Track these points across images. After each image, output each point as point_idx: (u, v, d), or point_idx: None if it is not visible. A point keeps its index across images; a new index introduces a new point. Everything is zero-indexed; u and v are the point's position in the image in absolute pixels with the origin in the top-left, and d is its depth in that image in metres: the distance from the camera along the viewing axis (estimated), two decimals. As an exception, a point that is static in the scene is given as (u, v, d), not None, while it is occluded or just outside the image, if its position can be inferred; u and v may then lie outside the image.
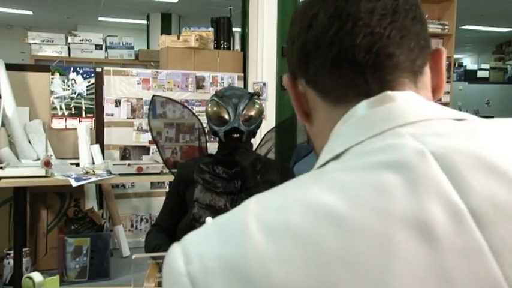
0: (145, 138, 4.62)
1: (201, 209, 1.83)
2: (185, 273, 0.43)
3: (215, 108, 1.87)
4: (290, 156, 2.22)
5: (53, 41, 6.86)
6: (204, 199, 1.85)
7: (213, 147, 2.03)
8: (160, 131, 2.48)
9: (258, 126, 1.93)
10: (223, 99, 1.87)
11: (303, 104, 0.61)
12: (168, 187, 4.42)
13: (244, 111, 1.85)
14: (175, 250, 0.46)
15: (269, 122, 4.46)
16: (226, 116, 1.84)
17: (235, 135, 1.85)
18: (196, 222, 1.80)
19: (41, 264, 3.99)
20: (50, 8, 10.29)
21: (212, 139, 3.50)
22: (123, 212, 4.63)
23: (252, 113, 1.88)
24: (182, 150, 2.43)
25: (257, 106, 1.91)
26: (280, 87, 4.80)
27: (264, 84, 4.73)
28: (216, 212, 1.80)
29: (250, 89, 4.75)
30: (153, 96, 2.38)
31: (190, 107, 4.55)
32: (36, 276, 1.56)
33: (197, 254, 0.44)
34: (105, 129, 4.51)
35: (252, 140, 1.98)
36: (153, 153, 4.55)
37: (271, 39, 4.75)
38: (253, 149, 2.01)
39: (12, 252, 3.56)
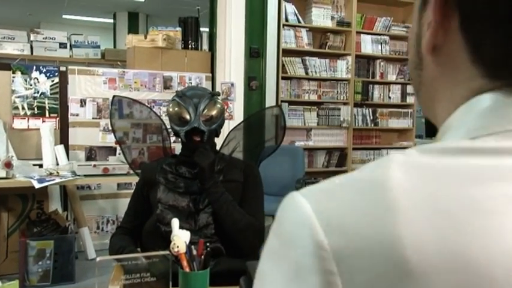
0: (112, 138, 4.57)
1: (165, 209, 1.82)
2: (327, 247, 0.43)
3: (176, 109, 1.87)
4: (259, 155, 2.21)
5: (14, 38, 6.69)
6: (166, 199, 1.84)
7: (179, 148, 2.02)
8: (126, 131, 2.46)
9: (221, 126, 1.93)
10: (183, 99, 1.87)
11: (437, 36, 0.50)
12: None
13: (205, 111, 1.85)
14: (308, 213, 0.45)
15: (237, 122, 4.39)
16: (187, 116, 1.84)
17: (196, 137, 1.85)
18: (160, 223, 1.80)
19: (0, 269, 3.89)
20: (11, 4, 10.03)
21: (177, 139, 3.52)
22: (89, 214, 4.58)
23: (213, 112, 1.88)
24: (149, 150, 2.42)
25: (218, 106, 1.91)
26: (248, 88, 4.80)
27: (232, 84, 4.74)
28: (179, 212, 1.79)
29: (218, 89, 4.72)
30: (113, 96, 2.36)
31: (157, 108, 4.65)
32: (-7, 281, 1.52)
33: (339, 226, 0.44)
34: (70, 129, 4.45)
35: (217, 140, 1.99)
36: (119, 154, 4.51)
37: (239, 39, 4.75)
38: (217, 148, 2.02)
39: (-31, 257, 3.48)
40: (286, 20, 4.96)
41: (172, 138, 2.29)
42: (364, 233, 0.43)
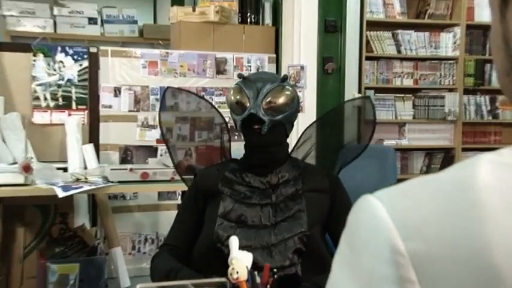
0: (152, 136, 4.62)
1: (229, 227, 1.89)
2: (405, 252, 0.50)
3: (236, 94, 1.97)
4: (334, 163, 2.27)
5: (34, 12, 6.73)
6: (233, 214, 1.92)
7: (237, 148, 2.15)
8: (171, 127, 2.52)
9: (290, 119, 2.00)
10: (245, 82, 1.96)
11: None
12: (180, 198, 4.52)
13: (269, 98, 1.92)
14: (383, 216, 0.53)
15: (308, 116, 4.44)
16: (246, 102, 1.93)
17: (255, 127, 1.92)
18: (221, 244, 1.86)
19: (14, 299, 3.93)
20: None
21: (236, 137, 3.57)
22: (123, 231, 4.62)
23: (280, 100, 1.94)
24: (198, 151, 2.50)
25: (287, 92, 1.97)
26: (322, 71, 4.81)
27: (302, 67, 4.76)
28: (248, 229, 1.88)
29: (284, 73, 4.73)
30: (167, 88, 2.44)
31: (208, 97, 4.67)
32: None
33: (418, 229, 0.50)
34: (101, 124, 4.50)
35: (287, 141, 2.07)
36: (161, 156, 4.54)
37: (311, 10, 4.75)
38: (289, 151, 2.10)
39: (-23, 283, 3.57)
40: (372, -18, 5.04)
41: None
42: (449, 236, 0.48)
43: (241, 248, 1.64)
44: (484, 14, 5.29)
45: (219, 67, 4.80)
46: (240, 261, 1.49)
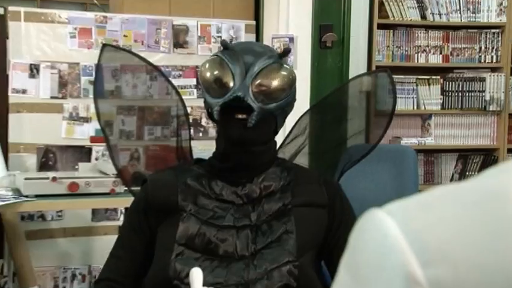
0: (84, 132, 4.58)
1: (192, 259, 1.89)
2: (423, 281, 0.53)
3: (215, 68, 1.95)
4: (334, 164, 2.32)
5: None
6: (198, 240, 1.91)
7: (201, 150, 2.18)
8: (111, 119, 2.50)
9: (284, 111, 2.01)
10: (230, 53, 1.95)
11: None
12: (123, 217, 4.55)
13: (262, 78, 1.91)
14: (394, 234, 0.57)
15: (298, 104, 4.40)
16: (229, 81, 1.91)
17: (239, 116, 1.91)
18: (179, 282, 1.86)
19: None
20: None
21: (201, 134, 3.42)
22: (42, 264, 4.49)
23: (275, 82, 1.94)
24: (148, 153, 2.49)
25: (285, 73, 1.97)
26: (318, 44, 4.82)
27: (291, 39, 4.73)
28: (219, 261, 1.89)
29: (286, 46, 4.85)
30: (104, 45, 2.39)
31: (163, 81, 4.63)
32: None
33: (441, 252, 0.54)
34: (10, 116, 4.44)
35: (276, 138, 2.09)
36: (97, 160, 4.51)
37: None
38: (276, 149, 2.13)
39: None
40: None
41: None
42: (481, 260, 0.52)
43: (207, 285, 1.65)
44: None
45: (178, 38, 4.75)
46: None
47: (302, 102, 4.39)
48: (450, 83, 5.15)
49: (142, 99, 2.60)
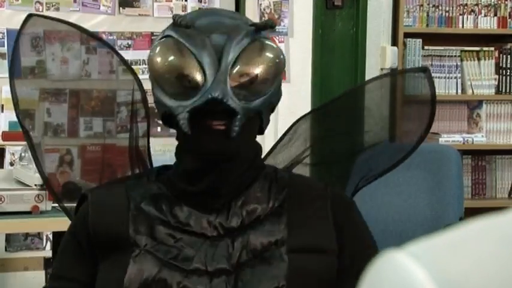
0: None
1: None
2: None
3: (173, 57, 1.94)
4: (347, 174, 2.33)
5: None
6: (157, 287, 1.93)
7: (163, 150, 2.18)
8: (32, 108, 2.53)
9: (271, 105, 2.02)
10: (190, 34, 1.93)
11: None
12: (50, 246, 4.62)
13: (240, 67, 1.91)
14: (420, 281, 0.58)
15: (296, 88, 4.66)
16: (197, 75, 1.89)
17: (216, 124, 1.90)
18: None
19: None
20: None
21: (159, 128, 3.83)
22: None
23: (259, 69, 1.94)
24: (85, 155, 2.50)
25: (270, 54, 1.97)
26: (325, 4, 5.02)
27: None
28: None
29: (251, 14, 4.81)
30: (28, 15, 2.35)
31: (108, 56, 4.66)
32: None
33: None
34: None
35: (261, 140, 2.09)
36: (12, 165, 4.57)
37: None
38: (263, 156, 2.15)
39: None
40: None
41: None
42: None
43: None
44: None
45: (126, -6, 4.76)
46: None
47: (299, 86, 4.65)
48: (508, 56, 5.19)
49: (75, 80, 2.56)
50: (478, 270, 0.55)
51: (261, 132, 2.04)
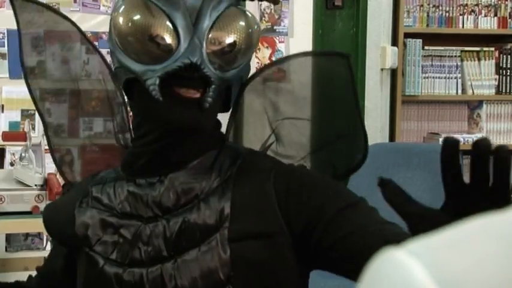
0: None
1: None
2: None
3: (140, 16, 1.85)
4: (335, 157, 2.25)
5: None
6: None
7: None
8: (48, 97, 2.48)
9: (241, 76, 1.98)
10: None
11: None
12: (50, 246, 4.49)
13: (217, 33, 1.86)
14: (423, 283, 0.57)
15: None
16: (169, 38, 1.82)
17: (189, 93, 1.83)
18: None
19: None
20: None
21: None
22: None
23: (235, 37, 1.89)
24: (85, 156, 2.47)
25: (246, 23, 1.92)
26: (324, 3, 5.01)
27: None
28: None
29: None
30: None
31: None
32: None
33: None
34: None
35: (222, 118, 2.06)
36: (12, 165, 4.55)
37: None
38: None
39: None
40: None
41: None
42: None
43: None
44: None
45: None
46: None
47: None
48: (508, 57, 5.20)
49: (75, 80, 2.39)
50: (477, 269, 0.55)
51: (226, 109, 1.98)
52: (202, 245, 1.81)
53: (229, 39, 1.85)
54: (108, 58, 2.30)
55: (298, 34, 4.75)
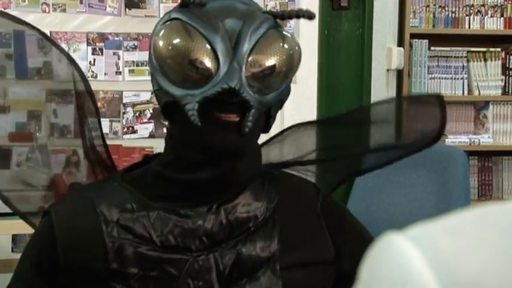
0: (1, 128, 4.30)
1: None
2: None
3: (180, 40, 1.84)
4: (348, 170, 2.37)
5: None
6: None
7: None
8: (37, 109, 2.80)
9: (281, 99, 1.95)
10: (201, 17, 1.83)
11: None
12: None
13: (257, 56, 1.82)
14: (417, 266, 0.59)
15: (300, 90, 4.54)
16: (209, 62, 1.79)
17: (229, 117, 1.81)
18: None
19: None
20: None
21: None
22: None
23: (276, 60, 1.85)
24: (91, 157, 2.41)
25: (287, 45, 1.88)
26: (330, 4, 4.98)
27: None
28: None
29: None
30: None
31: (111, 54, 4.59)
32: None
33: (477, 287, 0.58)
34: None
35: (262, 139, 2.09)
36: (19, 166, 4.29)
37: None
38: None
39: None
40: None
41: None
42: None
43: None
44: None
45: (133, -5, 4.93)
46: None
47: (306, 87, 4.61)
48: (514, 58, 5.20)
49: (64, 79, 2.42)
50: (474, 256, 0.57)
51: (267, 130, 1.95)
52: (253, 276, 1.82)
53: (269, 62, 1.82)
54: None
55: (304, 35, 4.68)
